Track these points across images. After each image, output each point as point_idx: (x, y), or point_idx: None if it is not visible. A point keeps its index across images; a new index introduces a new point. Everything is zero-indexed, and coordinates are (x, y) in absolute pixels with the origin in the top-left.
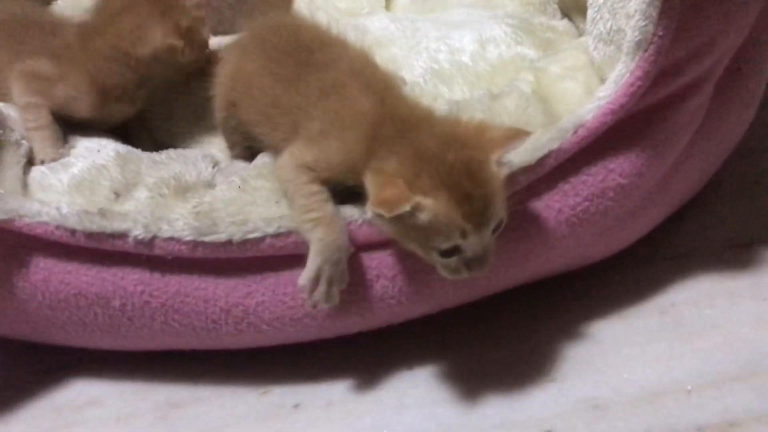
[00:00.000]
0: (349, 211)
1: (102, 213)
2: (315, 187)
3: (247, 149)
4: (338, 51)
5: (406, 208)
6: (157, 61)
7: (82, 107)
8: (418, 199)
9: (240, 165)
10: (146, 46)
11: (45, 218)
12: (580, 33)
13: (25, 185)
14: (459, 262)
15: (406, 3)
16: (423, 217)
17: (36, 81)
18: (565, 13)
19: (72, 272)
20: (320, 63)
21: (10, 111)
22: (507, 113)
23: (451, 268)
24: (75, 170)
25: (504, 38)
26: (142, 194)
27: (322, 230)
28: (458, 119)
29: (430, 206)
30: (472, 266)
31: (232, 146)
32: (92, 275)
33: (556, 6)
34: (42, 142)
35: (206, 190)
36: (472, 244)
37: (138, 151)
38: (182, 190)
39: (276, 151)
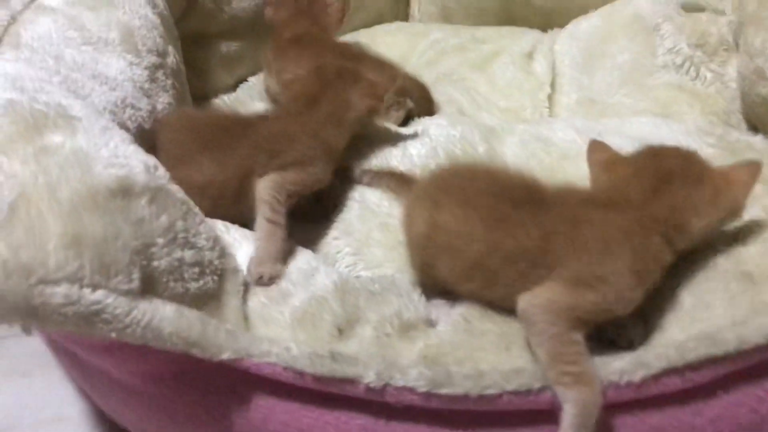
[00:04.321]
0: (617, 364)
1: (333, 356)
2: (576, 336)
3: None
4: (544, 185)
5: None
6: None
7: (326, 175)
8: None
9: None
10: (353, 111)
11: (274, 359)
12: None
13: (245, 317)
14: None
15: (572, 104)
16: None
17: (291, 178)
18: (752, 125)
19: (293, 412)
20: (543, 198)
21: (229, 234)
22: None
23: None
24: (296, 302)
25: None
26: (366, 332)
27: (582, 389)
28: None
29: None
30: None
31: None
32: (314, 417)
33: (740, 116)
34: (272, 246)
35: (427, 328)
36: None
37: (351, 279)
38: (405, 328)
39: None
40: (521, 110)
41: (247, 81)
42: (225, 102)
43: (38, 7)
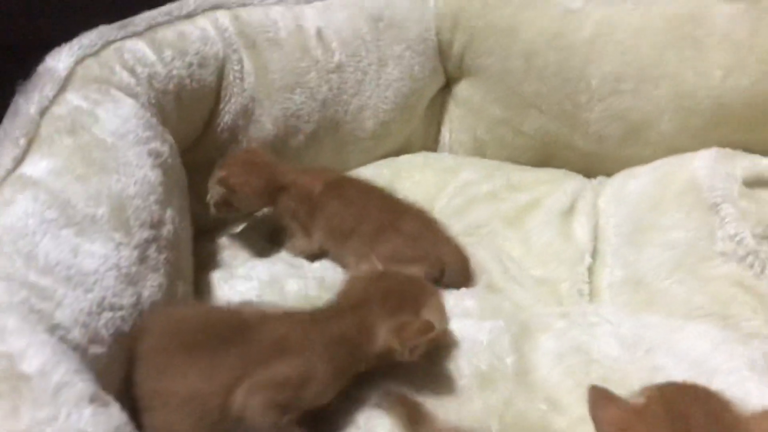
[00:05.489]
0: None
1: None
2: None
3: None
4: None
5: None
6: (381, 356)
7: (325, 396)
8: None
9: None
10: (373, 344)
11: None
12: None
13: None
14: None
15: (616, 283)
16: None
17: (284, 390)
18: None
19: None
20: None
21: None
22: None
23: None
24: None
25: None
26: None
27: None
28: None
29: None
30: None
31: None
32: None
33: None
34: None
35: None
36: None
37: None
38: None
39: None
40: (558, 283)
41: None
42: (231, 242)
43: (18, 179)
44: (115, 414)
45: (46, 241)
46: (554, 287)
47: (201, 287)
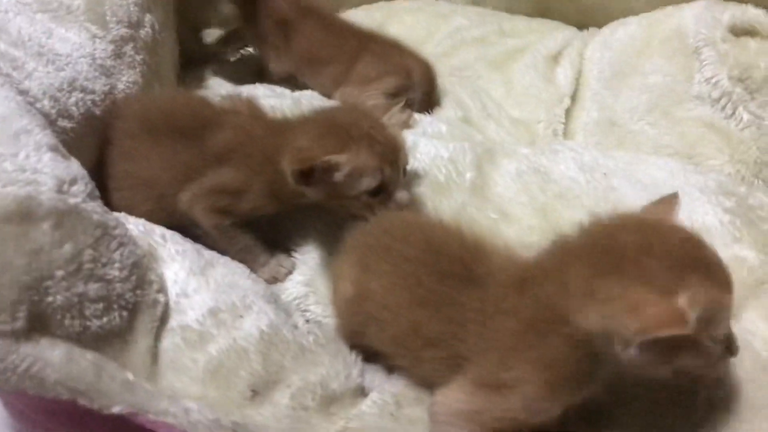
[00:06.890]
0: None
1: (236, 427)
2: None
3: None
4: (484, 251)
5: None
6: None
7: (265, 207)
8: None
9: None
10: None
11: (171, 419)
12: None
13: (155, 359)
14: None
15: (590, 124)
16: None
17: (221, 198)
18: None
19: None
20: (474, 272)
21: (165, 247)
22: None
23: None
24: (213, 350)
25: (719, 230)
26: (282, 399)
27: None
28: None
29: None
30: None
31: None
32: None
33: None
34: (257, 261)
35: (354, 402)
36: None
37: (283, 330)
38: (327, 402)
39: (423, 386)
40: (534, 123)
41: (248, 47)
42: (219, 70)
43: None
44: (75, 167)
45: (19, 19)
46: (530, 127)
47: None
